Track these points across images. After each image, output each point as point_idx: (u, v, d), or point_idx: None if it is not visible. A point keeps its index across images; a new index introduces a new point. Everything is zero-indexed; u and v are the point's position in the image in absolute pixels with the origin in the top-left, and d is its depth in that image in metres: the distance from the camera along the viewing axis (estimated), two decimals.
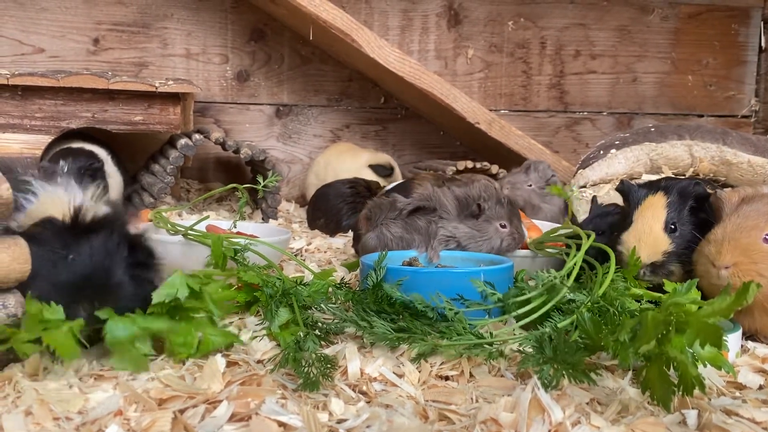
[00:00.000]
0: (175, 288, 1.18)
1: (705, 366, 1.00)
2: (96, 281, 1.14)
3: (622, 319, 1.07)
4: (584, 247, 1.40)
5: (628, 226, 1.47)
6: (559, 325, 1.21)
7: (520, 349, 1.19)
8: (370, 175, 2.62)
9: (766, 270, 1.27)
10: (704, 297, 1.38)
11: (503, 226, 1.66)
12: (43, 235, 1.14)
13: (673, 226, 1.43)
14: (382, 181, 2.59)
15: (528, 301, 1.30)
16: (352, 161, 2.70)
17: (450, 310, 1.26)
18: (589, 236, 1.43)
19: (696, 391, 0.97)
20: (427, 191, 1.71)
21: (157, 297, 1.17)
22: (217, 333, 1.20)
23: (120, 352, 1.11)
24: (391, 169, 2.71)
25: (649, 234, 1.43)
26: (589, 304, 1.25)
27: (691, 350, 1.00)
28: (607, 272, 1.32)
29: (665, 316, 0.98)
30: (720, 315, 0.96)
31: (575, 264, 1.36)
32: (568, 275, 1.34)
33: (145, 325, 1.14)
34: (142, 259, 1.24)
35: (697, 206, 1.45)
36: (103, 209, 1.21)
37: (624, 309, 1.22)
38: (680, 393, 0.97)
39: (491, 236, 1.66)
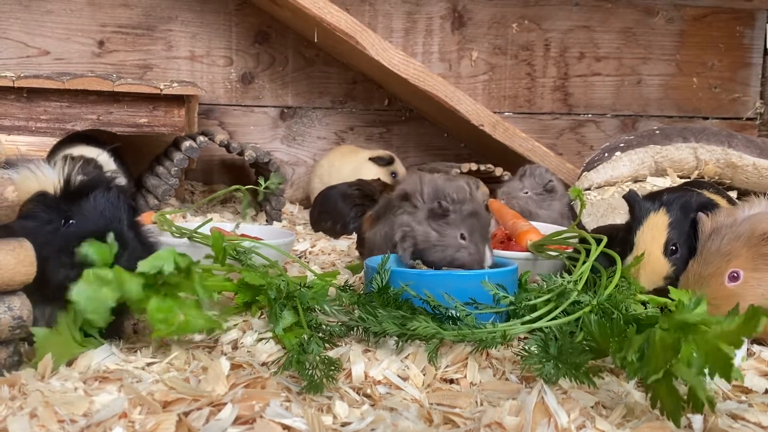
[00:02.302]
0: (162, 261, 1.17)
1: (712, 378, 0.99)
2: (111, 226, 1.17)
3: (628, 330, 1.05)
4: (594, 253, 1.39)
5: (631, 247, 1.46)
6: (561, 322, 1.21)
7: (525, 348, 1.19)
8: (373, 170, 2.62)
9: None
10: None
11: (462, 237, 1.50)
12: (39, 210, 1.16)
13: (674, 248, 1.42)
14: (383, 176, 2.59)
15: (538, 306, 1.30)
16: (354, 160, 2.70)
17: (462, 310, 1.26)
18: (599, 242, 1.43)
19: None
20: (411, 176, 1.60)
21: (142, 267, 1.16)
22: (201, 316, 1.18)
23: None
24: (391, 158, 2.69)
25: (649, 261, 1.41)
26: (595, 305, 1.25)
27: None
28: (612, 276, 1.32)
29: (673, 339, 0.96)
30: (728, 340, 0.94)
31: (585, 269, 1.35)
32: (578, 280, 1.33)
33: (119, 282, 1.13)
34: (142, 231, 1.27)
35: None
36: (80, 175, 1.23)
37: (629, 313, 1.21)
38: (690, 408, 0.96)
39: (448, 244, 1.50)
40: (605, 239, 1.44)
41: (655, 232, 1.43)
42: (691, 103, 3.23)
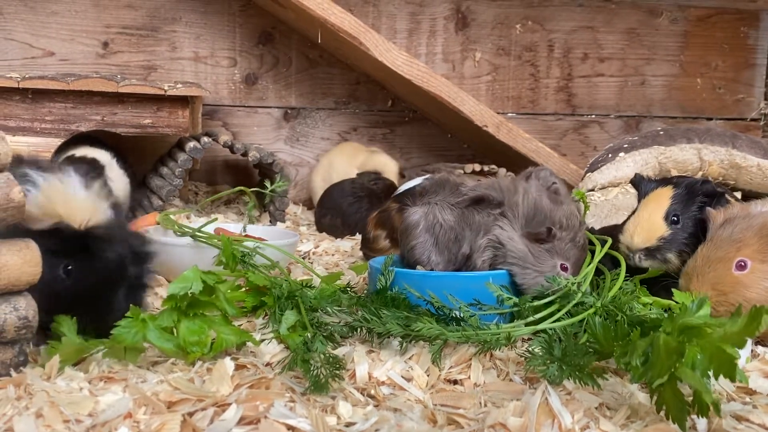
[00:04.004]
0: (190, 282, 1.18)
1: (716, 379, 0.99)
2: (93, 305, 1.17)
3: (632, 333, 1.05)
4: (600, 254, 1.39)
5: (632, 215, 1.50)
6: (565, 323, 1.21)
7: (529, 350, 1.19)
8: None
9: (739, 298, 1.27)
10: None
11: (564, 269, 1.38)
12: (52, 242, 1.15)
13: (675, 218, 1.44)
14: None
15: (542, 307, 1.30)
16: (348, 164, 2.68)
17: (465, 311, 1.26)
18: (603, 243, 1.43)
19: None
20: (502, 182, 1.45)
21: (171, 290, 1.17)
22: (231, 331, 1.19)
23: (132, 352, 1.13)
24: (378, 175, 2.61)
25: (647, 220, 1.44)
26: (599, 307, 1.24)
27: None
28: (616, 278, 1.32)
29: (677, 343, 0.96)
30: (731, 341, 0.94)
31: (589, 270, 1.35)
32: (582, 281, 1.33)
33: (160, 323, 1.14)
34: (141, 268, 1.26)
35: (707, 204, 1.45)
36: (107, 213, 1.22)
37: (633, 316, 1.21)
38: (695, 413, 0.95)
39: (544, 271, 1.37)
40: (610, 240, 1.44)
41: (658, 200, 1.45)
42: (695, 103, 3.23)
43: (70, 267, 1.17)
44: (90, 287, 1.17)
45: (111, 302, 1.19)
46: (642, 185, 1.54)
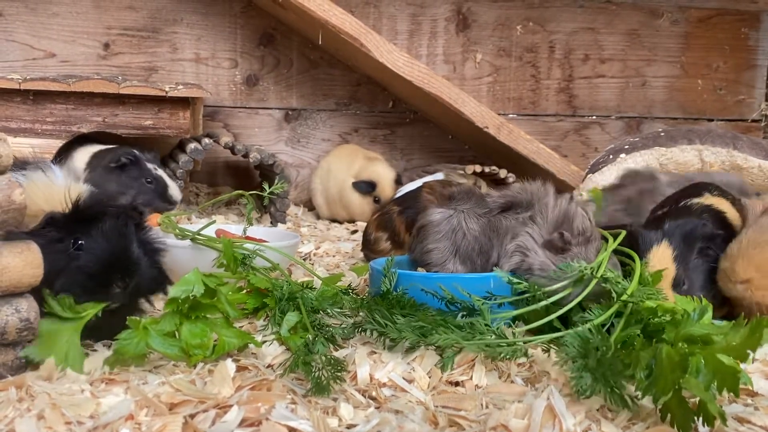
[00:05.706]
0: (191, 285, 1.18)
1: (720, 394, 0.97)
2: (120, 259, 1.19)
3: (636, 341, 1.04)
4: (612, 245, 1.37)
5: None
6: (591, 324, 1.17)
7: (564, 343, 1.12)
8: (355, 196, 2.58)
9: None
10: (729, 304, 1.38)
11: None
12: (51, 232, 1.17)
13: (683, 282, 1.41)
14: (366, 204, 2.56)
15: (555, 293, 1.28)
16: (346, 170, 2.65)
17: (479, 301, 1.25)
18: (615, 237, 1.41)
19: None
20: (531, 186, 1.39)
21: (173, 293, 1.17)
22: (233, 334, 1.19)
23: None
24: (373, 185, 2.58)
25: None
26: (629, 296, 1.21)
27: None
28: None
29: (681, 357, 0.95)
30: (733, 354, 0.94)
31: (604, 257, 1.32)
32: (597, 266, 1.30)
33: (162, 329, 1.15)
34: (147, 238, 1.29)
35: (705, 248, 1.43)
36: (85, 188, 1.25)
37: (645, 321, 1.19)
38: (702, 423, 0.94)
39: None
40: (623, 233, 1.42)
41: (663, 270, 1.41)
42: (695, 104, 3.23)
43: (80, 241, 1.18)
44: (106, 246, 1.18)
45: (133, 254, 1.21)
46: (638, 241, 1.43)
